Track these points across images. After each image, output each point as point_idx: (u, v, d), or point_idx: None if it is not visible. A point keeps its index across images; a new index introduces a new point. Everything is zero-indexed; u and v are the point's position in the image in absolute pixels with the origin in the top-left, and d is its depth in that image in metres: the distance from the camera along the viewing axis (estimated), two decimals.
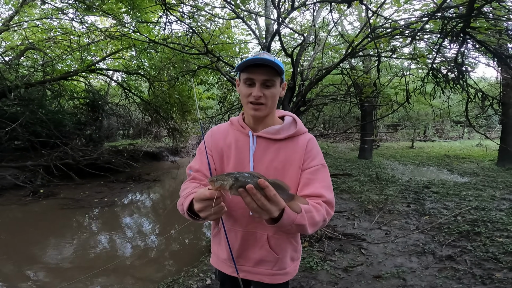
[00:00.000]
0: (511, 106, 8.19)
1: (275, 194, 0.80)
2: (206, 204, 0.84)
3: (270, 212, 0.81)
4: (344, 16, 6.66)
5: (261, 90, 1.07)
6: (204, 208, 0.85)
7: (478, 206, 4.65)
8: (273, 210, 0.81)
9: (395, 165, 9.66)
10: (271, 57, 1.07)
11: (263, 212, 0.81)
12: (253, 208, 0.80)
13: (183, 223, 4.69)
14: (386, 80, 5.75)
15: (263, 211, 0.81)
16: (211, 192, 0.82)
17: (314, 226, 0.98)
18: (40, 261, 3.62)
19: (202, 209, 0.85)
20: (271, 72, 1.06)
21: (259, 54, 1.08)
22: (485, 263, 2.88)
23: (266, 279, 1.15)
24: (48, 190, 6.42)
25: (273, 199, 0.80)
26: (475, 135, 18.90)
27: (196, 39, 5.25)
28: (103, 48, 8.39)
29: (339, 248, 3.37)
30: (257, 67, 1.06)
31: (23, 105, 7.47)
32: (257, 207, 0.80)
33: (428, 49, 4.18)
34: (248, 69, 1.07)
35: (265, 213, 0.81)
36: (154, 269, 3.44)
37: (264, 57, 1.04)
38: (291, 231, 0.95)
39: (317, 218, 0.98)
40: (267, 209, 0.80)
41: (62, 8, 5.71)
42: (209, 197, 0.82)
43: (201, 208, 0.85)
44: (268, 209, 0.80)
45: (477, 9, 2.36)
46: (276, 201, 0.81)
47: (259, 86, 1.07)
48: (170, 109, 10.36)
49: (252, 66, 1.06)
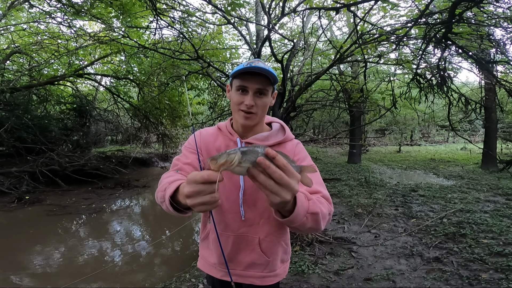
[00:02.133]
0: (493, 110, 8.47)
1: (286, 164, 0.67)
2: (200, 188, 0.67)
3: (290, 186, 0.66)
4: (333, 22, 6.80)
5: (254, 99, 1.05)
6: (196, 193, 0.68)
7: (463, 208, 4.77)
8: (293, 184, 0.67)
9: (383, 169, 9.82)
10: (265, 66, 1.05)
11: (281, 190, 0.66)
12: (270, 186, 0.66)
13: (174, 229, 4.64)
14: (373, 86, 5.87)
15: (282, 188, 0.66)
16: (211, 173, 0.66)
17: (324, 218, 0.90)
18: (26, 267, 3.51)
19: (192, 195, 0.68)
20: (265, 81, 1.04)
21: (254, 62, 1.05)
22: (471, 264, 2.95)
23: (257, 281, 1.15)
24: (33, 196, 6.27)
25: (287, 169, 0.66)
26: (459, 139, 19.38)
27: (186, 45, 5.26)
28: (91, 52, 8.30)
29: (330, 251, 3.40)
30: (252, 75, 1.03)
31: (8, 110, 7.29)
32: (275, 184, 0.65)
33: (413, 55, 4.30)
34: (242, 76, 1.05)
35: (284, 190, 0.66)
36: (144, 275, 3.38)
37: (259, 66, 1.02)
38: (305, 224, 0.85)
39: (324, 210, 0.91)
40: (286, 183, 0.66)
41: (50, 12, 5.63)
42: (207, 179, 0.66)
43: (192, 193, 0.68)
44: (287, 183, 0.66)
45: (458, 15, 2.44)
46: (290, 171, 0.67)
47: (252, 94, 1.05)
48: (160, 115, 10.30)
49: (246, 73, 1.04)
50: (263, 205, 1.10)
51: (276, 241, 1.15)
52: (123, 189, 7.47)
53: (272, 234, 1.13)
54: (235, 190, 1.10)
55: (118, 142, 14.39)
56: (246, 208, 1.10)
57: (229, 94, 1.14)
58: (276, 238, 1.15)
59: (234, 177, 1.11)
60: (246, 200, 1.10)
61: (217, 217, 1.13)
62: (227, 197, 1.11)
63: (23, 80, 8.32)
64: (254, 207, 1.10)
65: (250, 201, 1.10)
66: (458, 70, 4.62)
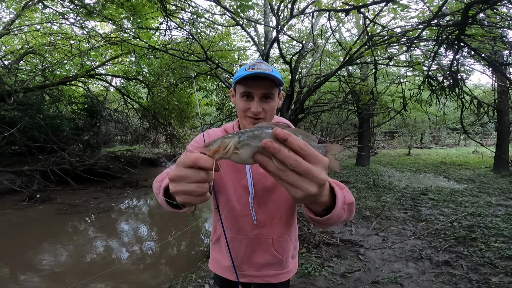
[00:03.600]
0: (506, 113, 8.29)
1: (305, 145, 0.49)
2: (185, 173, 0.55)
3: (313, 174, 0.49)
4: (342, 23, 6.76)
5: (261, 105, 1.00)
6: (180, 178, 0.55)
7: (474, 212, 4.68)
8: (316, 171, 0.49)
9: (392, 172, 9.70)
10: (269, 68, 1.00)
11: (303, 181, 0.49)
12: (286, 176, 0.49)
13: (181, 229, 4.67)
14: (383, 88, 5.81)
15: (302, 178, 0.49)
16: (199, 156, 0.54)
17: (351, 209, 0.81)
18: (35, 266, 3.58)
19: (176, 179, 0.56)
20: (270, 84, 1.00)
21: (256, 65, 1.00)
22: (481, 268, 2.90)
23: (272, 279, 1.16)
24: (44, 195, 6.39)
25: (307, 152, 0.49)
26: (471, 142, 19.03)
27: (195, 46, 5.30)
28: (102, 53, 8.43)
29: (336, 254, 3.37)
30: (255, 80, 0.98)
31: (22, 110, 7.46)
32: (292, 174, 0.49)
33: (424, 57, 4.25)
34: (246, 81, 1.00)
35: (307, 180, 0.49)
36: (151, 275, 3.41)
37: (262, 69, 0.97)
38: (341, 217, 0.73)
39: (352, 198, 0.81)
40: (306, 171, 0.48)
41: (63, 12, 5.75)
42: (194, 163, 0.54)
43: (176, 177, 0.56)
44: (307, 171, 0.48)
45: (472, 17, 2.41)
46: (312, 154, 0.49)
47: (258, 100, 1.00)
48: (169, 115, 10.38)
49: (249, 78, 0.98)
50: (274, 206, 1.09)
51: (288, 239, 1.15)
52: (132, 189, 7.56)
53: (285, 233, 1.13)
54: (245, 193, 1.08)
55: (128, 142, 14.58)
56: (257, 210, 1.08)
57: (234, 100, 1.11)
58: (288, 236, 1.15)
59: (243, 179, 1.08)
60: (257, 202, 1.08)
61: (230, 220, 1.11)
62: (238, 200, 1.09)
63: (36, 80, 8.49)
64: (266, 208, 1.09)
65: (261, 202, 1.08)
66: (471, 72, 4.54)
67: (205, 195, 0.58)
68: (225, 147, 0.52)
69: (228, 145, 0.52)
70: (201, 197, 0.57)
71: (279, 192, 1.08)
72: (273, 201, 1.08)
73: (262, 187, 1.07)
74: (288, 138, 0.48)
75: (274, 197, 1.08)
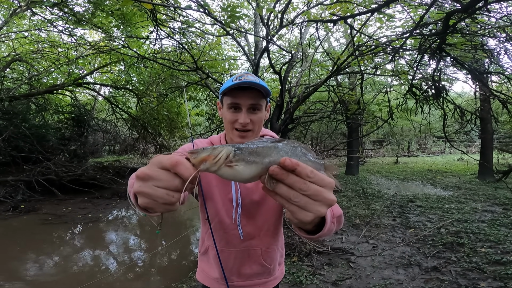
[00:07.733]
0: (489, 121, 8.55)
1: (312, 172, 0.48)
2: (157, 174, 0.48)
3: (323, 197, 0.49)
4: (331, 33, 6.92)
5: (248, 116, 0.98)
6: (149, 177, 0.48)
7: (460, 218, 4.77)
8: (327, 193, 0.49)
9: (381, 180, 9.83)
10: (256, 79, 0.98)
11: (314, 204, 0.49)
12: (296, 199, 0.48)
13: (171, 239, 4.59)
14: (370, 97, 5.93)
15: (313, 201, 0.48)
16: (180, 160, 0.47)
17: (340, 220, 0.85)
18: (20, 276, 3.45)
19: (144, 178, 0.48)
20: (257, 95, 0.98)
21: (243, 76, 0.98)
22: (469, 273, 2.94)
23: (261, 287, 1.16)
24: (29, 205, 6.22)
25: (315, 178, 0.48)
26: (456, 149, 19.46)
27: (186, 55, 5.32)
28: (91, 61, 8.35)
29: (328, 262, 3.37)
30: (243, 91, 0.96)
31: (7, 119, 7.29)
32: (303, 197, 0.48)
33: (408, 66, 4.38)
34: (233, 92, 0.97)
35: (317, 202, 0.49)
36: (141, 286, 3.33)
37: (250, 79, 0.95)
38: (331, 231, 0.74)
39: (339, 210, 0.85)
40: (315, 192, 0.48)
41: (51, 19, 5.69)
42: (172, 165, 0.47)
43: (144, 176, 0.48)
44: (317, 193, 0.48)
45: (452, 26, 2.50)
46: (320, 178, 0.49)
47: (245, 111, 0.98)
48: (158, 126, 10.30)
49: (236, 89, 0.96)
50: (262, 218, 1.09)
51: (275, 249, 1.16)
52: (120, 199, 7.41)
53: (273, 243, 1.14)
54: (231, 206, 1.07)
55: (116, 152, 14.35)
56: (245, 223, 1.08)
57: (221, 112, 1.08)
58: (275, 246, 1.16)
59: (229, 193, 1.06)
60: (246, 215, 1.08)
61: (218, 233, 1.10)
62: (227, 214, 1.08)
63: (23, 88, 8.34)
64: (254, 220, 1.09)
65: (250, 216, 1.08)
66: (453, 81, 4.69)
67: (174, 205, 0.50)
68: (215, 156, 0.46)
69: (218, 155, 0.46)
70: (167, 206, 0.49)
71: (267, 204, 1.08)
72: (261, 214, 1.09)
73: (250, 201, 1.07)
74: (297, 168, 0.47)
75: (262, 210, 1.08)
